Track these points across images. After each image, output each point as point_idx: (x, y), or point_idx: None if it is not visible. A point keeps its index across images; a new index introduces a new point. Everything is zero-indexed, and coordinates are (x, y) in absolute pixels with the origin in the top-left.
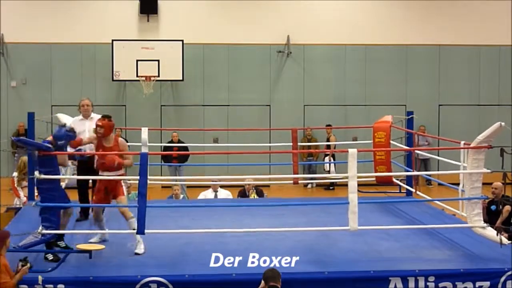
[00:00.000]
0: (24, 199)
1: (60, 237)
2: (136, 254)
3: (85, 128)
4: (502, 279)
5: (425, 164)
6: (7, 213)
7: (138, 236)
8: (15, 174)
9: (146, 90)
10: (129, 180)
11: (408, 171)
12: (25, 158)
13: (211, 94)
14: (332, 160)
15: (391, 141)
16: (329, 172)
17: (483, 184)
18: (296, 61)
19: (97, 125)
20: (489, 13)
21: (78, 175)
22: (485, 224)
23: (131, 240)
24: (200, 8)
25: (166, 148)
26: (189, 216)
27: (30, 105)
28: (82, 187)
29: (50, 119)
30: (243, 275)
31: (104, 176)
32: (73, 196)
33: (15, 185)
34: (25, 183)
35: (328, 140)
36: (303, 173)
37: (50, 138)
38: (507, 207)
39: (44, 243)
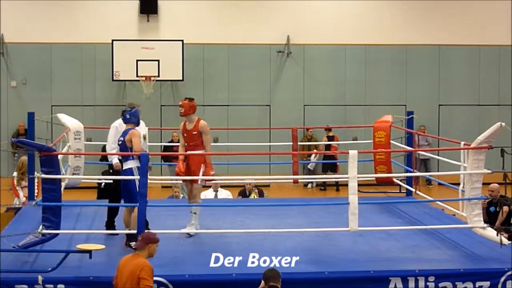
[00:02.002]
0: (24, 199)
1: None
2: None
3: (140, 133)
4: (502, 279)
5: (425, 164)
6: (7, 213)
7: (195, 216)
8: (15, 174)
9: (146, 90)
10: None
11: (408, 171)
12: (24, 158)
13: (211, 94)
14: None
15: (391, 141)
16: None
17: (483, 184)
18: (296, 61)
19: (179, 106)
20: (489, 13)
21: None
22: (485, 225)
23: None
24: (200, 8)
25: (166, 148)
26: (189, 216)
27: (30, 105)
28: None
29: (50, 119)
30: (243, 275)
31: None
32: (76, 196)
33: (15, 185)
34: (24, 183)
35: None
36: (303, 173)
37: None
38: (506, 208)
39: (43, 243)
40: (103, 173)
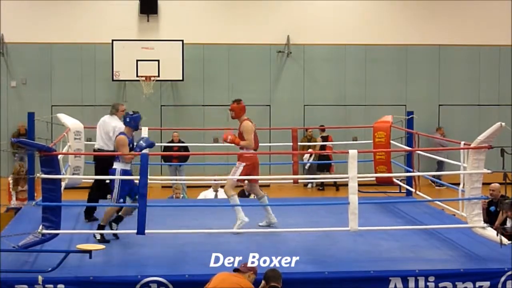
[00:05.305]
0: (16, 203)
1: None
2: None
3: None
4: (502, 279)
5: (439, 166)
6: (7, 213)
7: (241, 215)
8: (10, 178)
9: (146, 90)
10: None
11: (408, 171)
12: (20, 163)
13: (211, 94)
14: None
15: (391, 141)
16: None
17: (483, 184)
18: (296, 61)
19: (230, 110)
20: (489, 13)
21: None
22: (485, 224)
23: (130, 239)
24: (200, 8)
25: (166, 148)
26: (189, 216)
27: (30, 105)
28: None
29: (50, 119)
30: None
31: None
32: (76, 196)
33: (10, 189)
34: (20, 188)
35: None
36: (303, 173)
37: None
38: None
39: (43, 243)
40: None
